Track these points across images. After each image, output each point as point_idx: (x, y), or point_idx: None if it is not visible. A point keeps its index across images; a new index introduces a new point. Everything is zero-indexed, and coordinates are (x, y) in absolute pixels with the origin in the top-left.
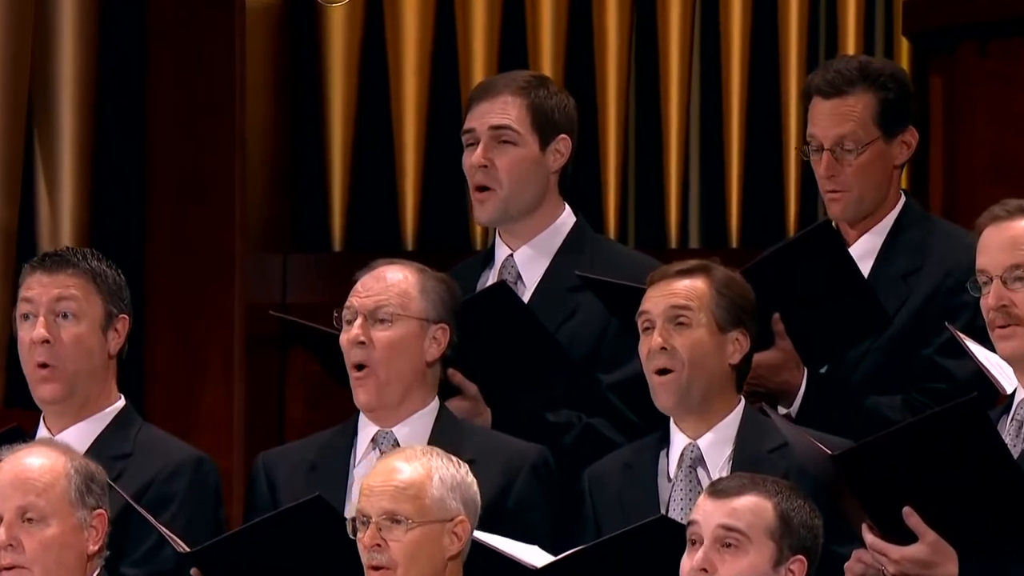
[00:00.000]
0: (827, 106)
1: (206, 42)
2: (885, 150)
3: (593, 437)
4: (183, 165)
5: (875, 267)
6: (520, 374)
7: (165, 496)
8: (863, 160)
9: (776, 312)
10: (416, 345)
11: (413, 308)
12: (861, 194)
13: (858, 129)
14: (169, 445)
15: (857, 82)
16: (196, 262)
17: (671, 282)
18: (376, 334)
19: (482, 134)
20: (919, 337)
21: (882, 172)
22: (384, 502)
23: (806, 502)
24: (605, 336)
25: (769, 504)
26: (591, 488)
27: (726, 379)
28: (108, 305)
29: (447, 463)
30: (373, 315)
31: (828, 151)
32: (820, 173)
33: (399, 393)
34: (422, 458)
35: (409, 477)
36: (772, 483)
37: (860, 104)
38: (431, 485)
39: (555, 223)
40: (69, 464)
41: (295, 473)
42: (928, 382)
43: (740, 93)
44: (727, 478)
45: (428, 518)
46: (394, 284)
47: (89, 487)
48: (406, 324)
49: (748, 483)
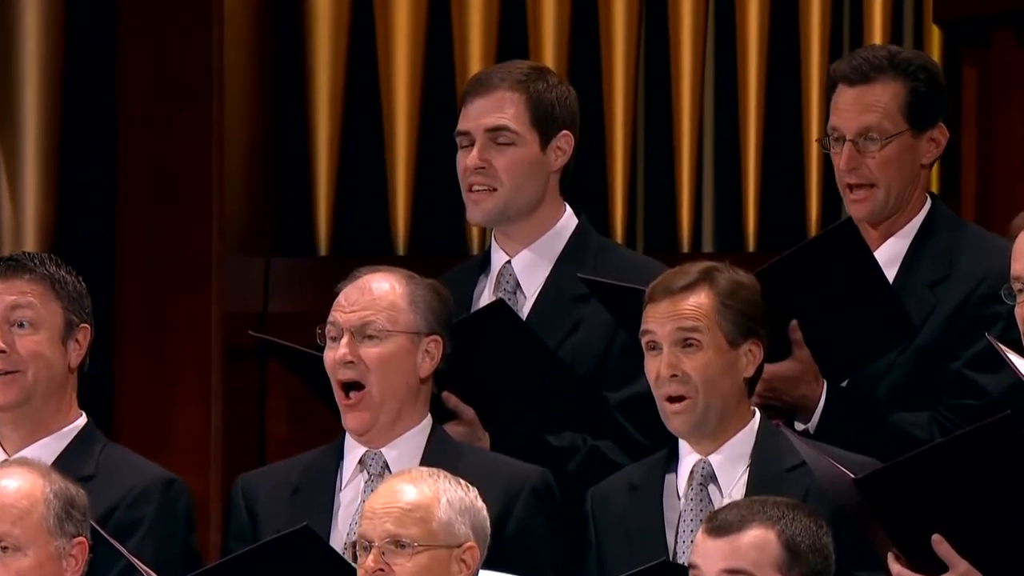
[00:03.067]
0: (852, 94)
1: (181, 26)
2: (912, 145)
3: (600, 461)
4: (156, 160)
5: (900, 274)
6: (520, 396)
7: (131, 522)
8: (888, 153)
9: (793, 319)
10: (408, 361)
11: (403, 321)
12: (885, 190)
13: (884, 120)
14: (135, 466)
15: (886, 70)
16: (169, 266)
17: (675, 300)
18: (365, 351)
19: (477, 136)
20: (947, 349)
21: (908, 169)
22: (388, 525)
23: (812, 520)
24: (611, 350)
25: (772, 534)
26: (594, 509)
27: (741, 394)
28: (68, 313)
29: (455, 485)
30: (360, 331)
31: (851, 142)
32: (840, 166)
33: (393, 413)
34: (428, 479)
35: (415, 499)
36: (772, 506)
37: (888, 93)
38: (438, 508)
39: (556, 226)
40: (48, 488)
41: (276, 497)
42: (957, 398)
43: (758, 85)
44: (724, 510)
45: (435, 542)
46: (381, 296)
47: (68, 513)
48: (396, 340)
49: (747, 513)
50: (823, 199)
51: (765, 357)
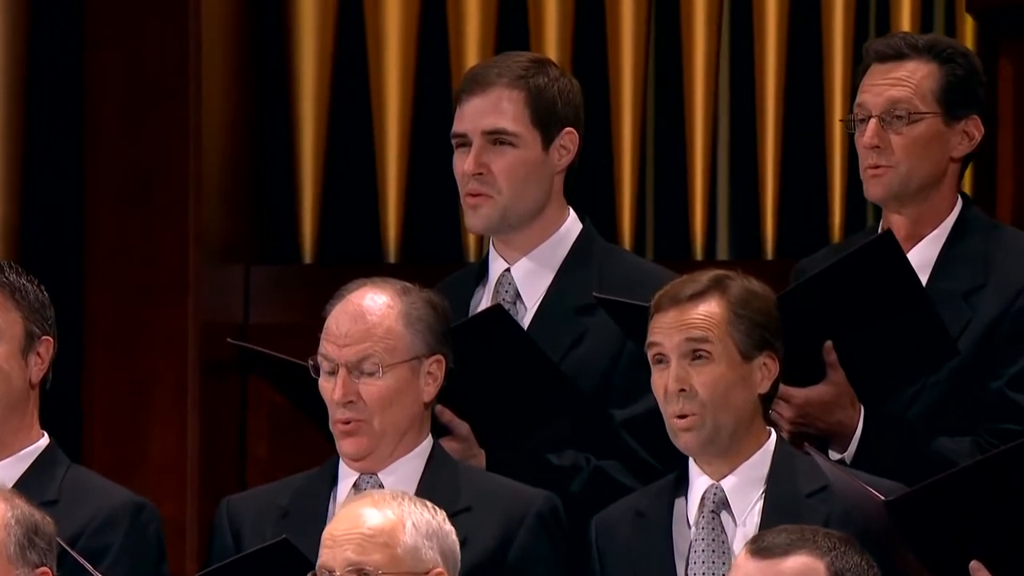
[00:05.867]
0: (882, 69)
1: (154, 17)
2: (943, 132)
3: (604, 483)
4: (128, 161)
5: (930, 283)
6: (519, 410)
7: (97, 550)
8: (915, 133)
9: (828, 339)
10: (411, 390)
11: (402, 349)
12: (908, 171)
13: (914, 97)
14: (101, 490)
15: (923, 51)
16: (142, 274)
17: (683, 310)
18: (364, 388)
19: (474, 138)
20: (985, 367)
21: (935, 157)
22: (349, 552)
23: (863, 559)
24: (618, 363)
25: (821, 565)
26: (598, 538)
27: (755, 412)
28: (29, 325)
29: (421, 508)
30: (357, 367)
31: (876, 118)
32: (863, 143)
33: (393, 444)
34: (392, 503)
35: (378, 524)
36: (824, 537)
37: (921, 72)
38: (403, 532)
39: (559, 231)
40: (9, 514)
41: (264, 521)
42: (998, 421)
43: (777, 77)
44: (771, 533)
45: (400, 569)
46: (376, 324)
47: (32, 541)
48: (397, 372)
49: (797, 539)
50: (847, 202)
51: (781, 372)
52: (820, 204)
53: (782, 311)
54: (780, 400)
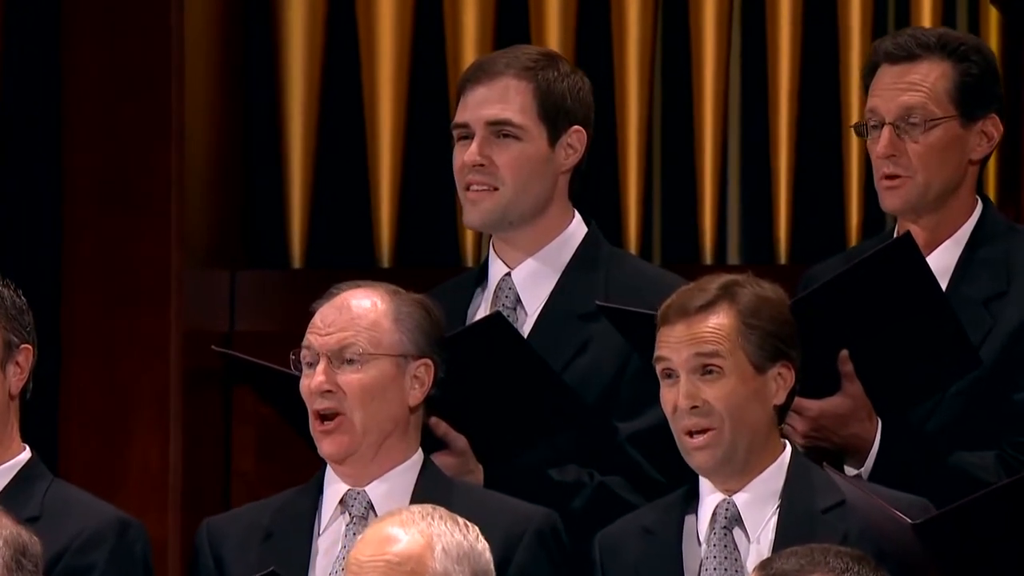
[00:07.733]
0: (894, 72)
1: (134, 10)
2: (961, 136)
3: (608, 500)
4: (107, 160)
5: (949, 289)
6: (519, 423)
7: (81, 569)
8: (931, 140)
9: (843, 349)
10: (394, 387)
11: (386, 343)
12: (925, 182)
13: (928, 101)
14: (86, 506)
15: (934, 49)
16: (123, 280)
17: (691, 323)
18: (344, 378)
19: (477, 128)
20: (1007, 378)
21: (954, 162)
22: None
23: None
24: (624, 374)
25: None
26: (603, 557)
27: (771, 425)
28: (7, 333)
29: (452, 528)
30: (338, 356)
31: (890, 125)
32: (878, 152)
33: (375, 445)
34: (421, 523)
35: (406, 548)
36: (835, 557)
37: (934, 73)
38: (432, 558)
39: (562, 234)
40: None
41: (247, 543)
42: (1022, 434)
43: (791, 73)
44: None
45: None
46: (361, 315)
47: (19, 563)
48: (379, 364)
49: (807, 563)
50: (864, 204)
51: (797, 380)
52: (836, 206)
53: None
54: (793, 412)
